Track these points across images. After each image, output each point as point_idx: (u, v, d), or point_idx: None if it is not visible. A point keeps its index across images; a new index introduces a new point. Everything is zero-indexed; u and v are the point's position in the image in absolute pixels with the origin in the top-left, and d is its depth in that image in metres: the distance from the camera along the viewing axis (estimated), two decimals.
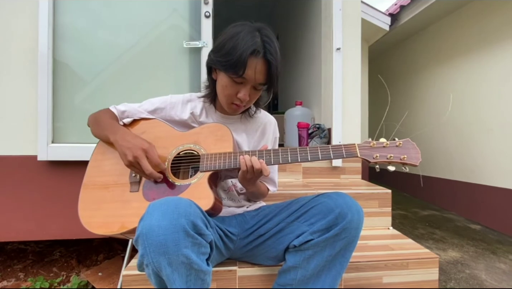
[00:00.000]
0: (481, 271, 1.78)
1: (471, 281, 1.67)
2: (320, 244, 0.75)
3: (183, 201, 0.60)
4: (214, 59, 0.79)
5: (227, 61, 0.74)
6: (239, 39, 0.73)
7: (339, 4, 1.61)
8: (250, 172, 0.75)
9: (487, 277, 1.72)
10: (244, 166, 0.75)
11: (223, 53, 0.76)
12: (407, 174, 3.43)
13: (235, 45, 0.73)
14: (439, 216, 2.81)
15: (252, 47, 0.73)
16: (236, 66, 0.74)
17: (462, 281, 1.68)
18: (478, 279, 1.69)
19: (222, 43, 0.76)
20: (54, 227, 1.50)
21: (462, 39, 2.70)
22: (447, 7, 2.67)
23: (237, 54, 0.72)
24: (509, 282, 1.64)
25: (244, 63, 0.73)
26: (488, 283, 1.64)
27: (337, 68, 1.59)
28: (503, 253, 2.01)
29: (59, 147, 1.46)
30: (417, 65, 3.35)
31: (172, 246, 0.54)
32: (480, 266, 1.85)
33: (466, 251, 2.04)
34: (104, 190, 0.83)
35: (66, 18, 1.50)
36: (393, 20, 3.11)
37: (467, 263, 1.87)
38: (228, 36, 0.76)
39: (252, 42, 0.73)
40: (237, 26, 0.78)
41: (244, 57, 0.72)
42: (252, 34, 0.74)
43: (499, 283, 1.64)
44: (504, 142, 2.32)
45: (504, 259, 1.92)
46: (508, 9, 2.26)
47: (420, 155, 0.77)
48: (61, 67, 1.49)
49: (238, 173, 0.83)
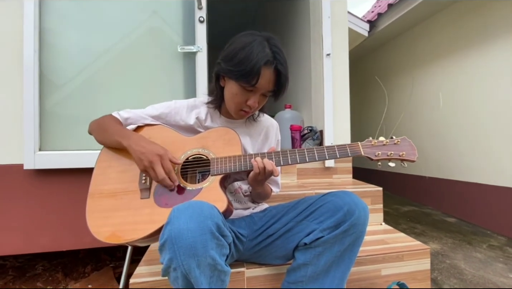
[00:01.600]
0: (460, 261, 1.92)
1: (452, 270, 1.80)
2: (330, 241, 0.79)
3: (205, 204, 0.62)
4: (225, 68, 0.81)
5: (240, 70, 0.77)
6: (252, 50, 0.76)
7: (328, 12, 1.69)
8: (261, 173, 0.78)
9: (466, 266, 1.85)
10: (257, 168, 0.78)
11: (235, 62, 0.78)
12: (386, 172, 3.61)
13: (247, 55, 0.76)
14: (418, 211, 2.98)
15: (265, 58, 0.76)
16: (249, 76, 0.77)
17: (444, 271, 1.80)
18: (458, 268, 1.82)
19: (234, 53, 0.78)
20: (43, 240, 1.43)
21: (434, 44, 2.91)
22: (421, 15, 2.87)
23: (251, 64, 0.75)
24: (485, 269, 1.79)
25: (258, 73, 0.76)
26: (467, 272, 1.77)
27: (327, 73, 1.67)
28: (478, 243, 2.17)
29: (47, 154, 1.39)
30: (393, 69, 3.56)
31: (200, 248, 0.55)
32: (459, 256, 1.99)
33: (445, 243, 2.19)
34: (113, 198, 0.81)
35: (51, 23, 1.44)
36: (371, 27, 3.29)
37: (447, 254, 2.01)
38: (239, 46, 0.78)
39: (264, 52, 0.76)
40: (247, 36, 0.81)
41: (258, 68, 0.75)
42: (263, 45, 0.78)
43: (476, 271, 1.78)
44: (475, 140, 2.53)
45: (479, 248, 2.09)
46: (476, 17, 2.48)
47: (416, 151, 0.83)
48: (48, 71, 1.43)
49: (246, 175, 0.85)
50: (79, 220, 1.47)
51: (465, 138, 2.62)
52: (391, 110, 3.62)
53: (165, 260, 0.58)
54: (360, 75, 4.32)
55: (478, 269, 1.81)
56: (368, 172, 4.00)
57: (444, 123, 2.84)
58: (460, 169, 2.70)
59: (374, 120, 3.97)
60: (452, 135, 2.76)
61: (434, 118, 2.95)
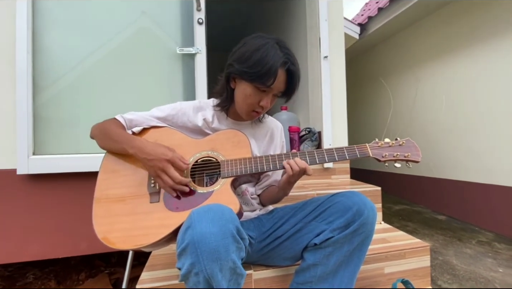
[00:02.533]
0: (451, 257, 1.99)
1: (445, 266, 1.86)
2: (340, 241, 0.81)
3: (225, 207, 0.61)
4: (239, 69, 0.81)
5: (256, 72, 0.78)
6: (267, 51, 0.77)
7: (325, 15, 1.72)
8: (295, 174, 0.79)
9: (457, 262, 1.92)
10: (290, 169, 0.78)
11: (250, 64, 0.78)
12: (376, 172, 3.69)
13: (263, 56, 0.77)
14: (409, 209, 3.06)
15: (281, 59, 0.78)
16: (264, 77, 0.78)
17: (438, 267, 1.85)
18: (450, 264, 1.88)
19: (248, 54, 0.79)
20: (36, 247, 1.37)
21: (423, 47, 3.01)
22: (410, 18, 2.96)
23: (268, 65, 0.77)
24: (476, 264, 1.86)
25: (275, 74, 0.78)
26: (459, 267, 1.84)
27: (325, 75, 1.70)
28: (467, 239, 2.26)
29: (40, 158, 1.35)
30: (383, 71, 3.65)
31: (223, 251, 0.55)
32: (450, 252, 2.06)
33: (436, 240, 2.26)
34: (121, 203, 0.79)
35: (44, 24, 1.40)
36: (362, 30, 3.36)
37: (439, 251, 2.08)
38: (252, 47, 0.79)
39: (279, 54, 0.78)
40: (258, 38, 0.82)
41: (275, 69, 0.77)
42: (275, 47, 0.79)
43: (467, 266, 1.84)
44: (461, 140, 2.63)
45: (469, 244, 2.17)
46: (464, 20, 2.58)
47: (420, 152, 0.86)
48: (41, 73, 1.38)
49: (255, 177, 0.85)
50: (75, 226, 1.43)
51: (452, 138, 2.72)
52: (383, 112, 3.71)
53: (185, 265, 0.57)
54: (351, 77, 4.41)
55: (469, 264, 1.87)
56: (359, 171, 4.08)
57: (433, 123, 2.93)
58: (448, 167, 2.79)
59: (365, 121, 4.05)
60: (440, 135, 2.86)
61: (425, 119, 3.04)
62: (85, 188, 1.42)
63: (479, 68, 2.45)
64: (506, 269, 1.77)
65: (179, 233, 0.64)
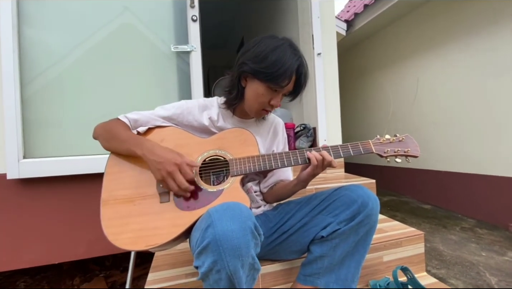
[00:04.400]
0: (438, 244, 2.10)
1: (433, 252, 1.96)
2: (346, 232, 0.84)
3: (242, 204, 0.62)
4: (254, 68, 0.81)
5: (272, 72, 0.79)
6: (284, 52, 0.80)
7: (317, 12, 1.74)
8: (319, 166, 0.81)
9: (444, 248, 2.03)
10: (315, 160, 0.80)
11: (266, 64, 0.79)
12: (366, 165, 3.80)
13: (279, 57, 0.79)
14: (397, 200, 3.19)
15: (297, 62, 0.81)
16: (280, 78, 0.79)
17: (426, 254, 1.93)
18: (437, 250, 1.99)
19: (264, 54, 0.80)
20: (28, 254, 1.33)
21: (405, 44, 3.12)
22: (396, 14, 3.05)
23: (285, 67, 0.79)
24: (461, 249, 1.97)
25: (290, 76, 0.80)
26: (446, 253, 1.94)
27: (319, 71, 1.73)
28: (451, 226, 2.39)
29: (32, 162, 1.29)
30: (370, 67, 3.75)
31: (244, 248, 0.56)
32: (437, 239, 2.18)
33: (423, 228, 2.38)
34: (130, 204, 0.78)
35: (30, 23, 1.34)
36: (349, 26, 3.43)
37: (427, 238, 2.18)
38: (268, 48, 0.80)
39: (294, 57, 0.81)
40: (272, 39, 0.83)
41: (291, 71, 0.80)
42: (289, 49, 0.81)
43: (453, 252, 1.96)
44: (445, 133, 2.76)
45: (454, 231, 2.29)
46: (439, 20, 2.70)
47: (418, 147, 0.90)
48: (31, 73, 1.32)
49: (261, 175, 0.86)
50: (70, 230, 1.39)
51: (435, 130, 2.85)
52: (369, 107, 3.81)
53: (205, 263, 0.58)
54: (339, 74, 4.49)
55: (454, 250, 1.99)
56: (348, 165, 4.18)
57: (417, 116, 3.06)
58: (431, 159, 2.93)
59: (351, 118, 4.15)
60: (424, 128, 2.98)
61: (410, 113, 3.16)
62: (80, 190, 1.39)
63: (455, 63, 2.58)
64: (488, 252, 1.90)
65: (196, 232, 0.65)
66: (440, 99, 2.78)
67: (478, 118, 2.43)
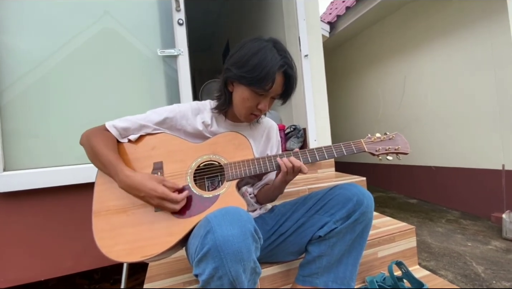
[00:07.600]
0: (426, 236, 2.16)
1: (422, 245, 2.02)
2: (343, 231, 0.85)
3: (240, 208, 0.62)
4: (237, 74, 0.80)
5: (253, 76, 0.77)
6: (265, 55, 0.77)
7: (303, 15, 1.77)
8: (290, 172, 0.80)
9: (432, 240, 2.10)
10: (285, 167, 0.79)
11: (248, 68, 0.78)
12: (355, 163, 3.87)
13: (260, 61, 0.77)
14: (384, 196, 3.27)
15: (278, 63, 0.78)
16: (263, 81, 0.78)
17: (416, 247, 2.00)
18: (426, 243, 2.05)
19: (246, 59, 0.79)
20: (14, 272, 1.26)
21: (387, 44, 3.21)
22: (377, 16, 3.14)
23: (265, 70, 0.76)
24: (448, 241, 2.04)
25: (272, 78, 0.78)
26: (434, 245, 2.01)
27: (306, 73, 1.75)
28: (437, 219, 2.47)
29: (13, 174, 1.23)
30: (351, 68, 3.84)
31: (245, 252, 0.56)
32: (424, 232, 2.24)
33: (411, 222, 2.44)
34: (123, 214, 0.76)
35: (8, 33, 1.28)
36: (331, 28, 3.50)
37: (416, 232, 2.25)
38: (250, 52, 0.79)
39: (276, 58, 0.78)
40: (255, 42, 0.81)
41: (272, 73, 0.77)
42: (272, 50, 0.79)
43: (441, 244, 2.02)
44: (428, 130, 2.86)
45: (440, 224, 2.37)
46: (419, 21, 2.80)
47: (408, 144, 0.93)
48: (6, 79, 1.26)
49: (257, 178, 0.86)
50: (56, 244, 1.33)
51: (420, 129, 2.95)
52: (353, 106, 3.90)
53: (206, 270, 0.57)
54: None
55: (442, 241, 2.06)
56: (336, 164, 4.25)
57: (402, 115, 3.15)
58: (417, 155, 3.02)
59: (340, 117, 4.22)
60: (408, 125, 3.08)
61: (393, 112, 3.25)
62: (66, 202, 1.34)
63: (436, 63, 2.68)
64: (473, 242, 1.97)
65: (194, 239, 0.64)
66: (421, 99, 2.88)
67: (459, 113, 2.54)
